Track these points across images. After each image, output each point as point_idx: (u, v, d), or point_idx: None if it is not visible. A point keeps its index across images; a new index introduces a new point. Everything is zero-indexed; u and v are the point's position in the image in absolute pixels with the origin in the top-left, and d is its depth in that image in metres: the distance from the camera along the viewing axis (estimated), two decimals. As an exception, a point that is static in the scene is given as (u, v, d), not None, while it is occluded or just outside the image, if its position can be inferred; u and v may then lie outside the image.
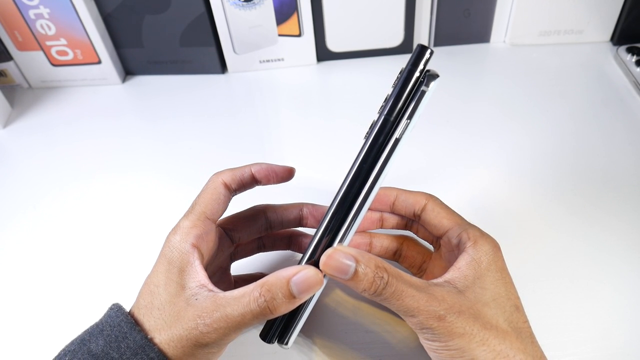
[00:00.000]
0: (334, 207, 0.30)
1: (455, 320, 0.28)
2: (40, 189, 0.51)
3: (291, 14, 0.57)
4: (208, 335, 0.28)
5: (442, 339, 0.28)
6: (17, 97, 0.62)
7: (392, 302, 0.28)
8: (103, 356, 0.28)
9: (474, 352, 0.27)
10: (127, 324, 0.29)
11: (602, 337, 0.36)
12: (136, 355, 0.28)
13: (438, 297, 0.28)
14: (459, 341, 0.27)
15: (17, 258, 0.45)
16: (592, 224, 0.43)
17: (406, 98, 0.29)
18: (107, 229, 0.47)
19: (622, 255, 0.41)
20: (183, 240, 0.31)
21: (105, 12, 0.57)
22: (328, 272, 0.29)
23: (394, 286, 0.28)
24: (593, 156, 0.49)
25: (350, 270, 0.28)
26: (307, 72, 0.61)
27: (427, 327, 0.28)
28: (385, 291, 0.28)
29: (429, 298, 0.28)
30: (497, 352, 0.27)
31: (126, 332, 0.28)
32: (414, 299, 0.28)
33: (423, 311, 0.28)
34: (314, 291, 0.29)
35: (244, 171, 0.34)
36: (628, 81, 0.56)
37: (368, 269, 0.28)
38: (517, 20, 0.59)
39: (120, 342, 0.28)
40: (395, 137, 0.29)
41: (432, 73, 0.28)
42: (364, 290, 0.28)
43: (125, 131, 0.57)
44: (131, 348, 0.28)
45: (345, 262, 0.28)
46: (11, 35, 0.57)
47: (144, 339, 0.28)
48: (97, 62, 0.60)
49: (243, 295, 0.28)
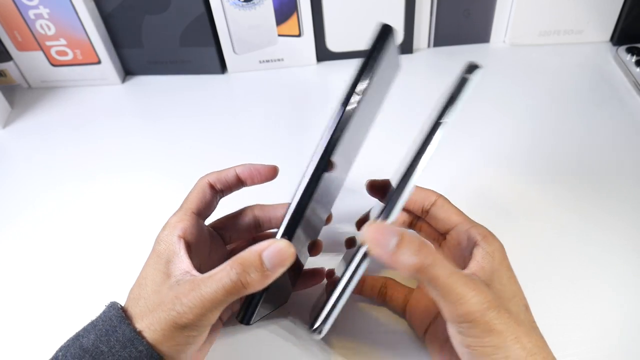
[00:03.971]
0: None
1: (495, 315, 0.27)
2: (40, 189, 0.51)
3: (291, 14, 0.57)
4: (185, 315, 0.28)
5: (480, 335, 0.27)
6: (17, 97, 0.62)
7: (437, 283, 0.26)
8: (93, 350, 0.28)
9: (509, 350, 0.27)
10: (118, 317, 0.29)
11: (602, 337, 0.36)
12: (125, 348, 0.28)
13: (481, 289, 0.27)
14: (496, 338, 0.27)
15: (16, 258, 0.45)
16: (592, 224, 0.43)
17: (356, 81, 0.31)
18: (106, 228, 0.47)
19: (623, 255, 0.41)
20: (170, 234, 0.32)
21: (105, 12, 0.57)
22: (370, 244, 0.28)
23: (438, 266, 0.26)
24: (593, 156, 0.49)
25: (393, 243, 0.27)
26: (307, 72, 0.61)
27: (467, 320, 0.27)
28: (430, 270, 0.26)
29: (476, 287, 0.27)
30: (527, 350, 0.27)
31: (116, 325, 0.29)
32: (460, 283, 0.26)
33: (468, 302, 0.26)
34: (286, 264, 0.28)
35: (228, 172, 0.35)
36: (628, 81, 0.56)
37: (412, 244, 0.27)
38: (517, 21, 0.59)
39: (110, 335, 0.28)
40: (440, 122, 0.29)
41: (474, 64, 0.29)
42: (408, 266, 0.26)
43: (125, 131, 0.57)
44: (120, 341, 0.28)
45: (389, 234, 0.27)
46: (11, 35, 0.57)
47: (133, 332, 0.28)
48: (97, 62, 0.60)
49: (217, 272, 0.28)
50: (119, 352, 0.28)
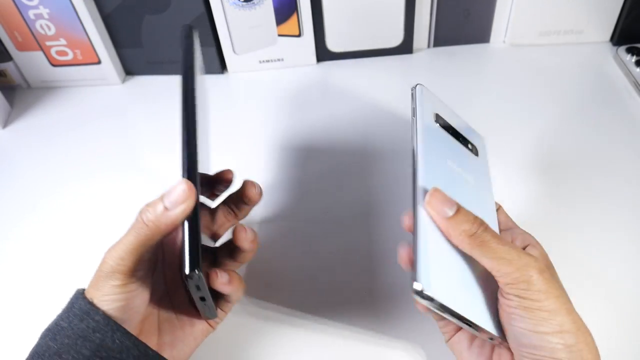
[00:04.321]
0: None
1: (550, 279, 0.28)
2: (40, 189, 0.51)
3: (291, 14, 0.57)
4: (106, 262, 0.30)
5: (537, 296, 0.27)
6: (17, 97, 0.62)
7: (490, 247, 0.28)
8: (54, 327, 0.30)
9: (563, 319, 0.27)
10: (76, 295, 0.30)
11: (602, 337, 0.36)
12: (82, 321, 0.29)
13: (536, 256, 0.30)
14: (552, 302, 0.27)
15: (17, 258, 0.45)
16: (592, 224, 0.43)
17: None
18: (106, 228, 0.47)
19: (622, 256, 0.41)
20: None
21: (105, 12, 0.57)
22: (430, 209, 0.30)
23: (491, 234, 0.29)
24: (593, 156, 0.49)
25: (451, 210, 0.29)
26: (307, 72, 0.61)
27: (525, 279, 0.27)
28: (485, 234, 0.29)
29: (530, 253, 0.29)
30: (577, 326, 0.27)
31: (73, 301, 0.30)
32: (514, 247, 0.29)
33: (525, 260, 0.28)
34: (185, 204, 0.29)
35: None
36: (628, 81, 0.56)
37: (467, 215, 0.29)
38: (516, 21, 0.59)
39: (69, 311, 0.30)
40: None
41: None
42: (463, 232, 0.29)
43: (125, 131, 0.57)
44: (78, 315, 0.29)
45: (448, 202, 0.30)
46: (11, 35, 0.57)
47: (88, 305, 0.29)
48: (97, 62, 0.60)
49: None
50: (77, 325, 0.29)
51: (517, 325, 0.28)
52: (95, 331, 0.29)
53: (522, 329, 0.28)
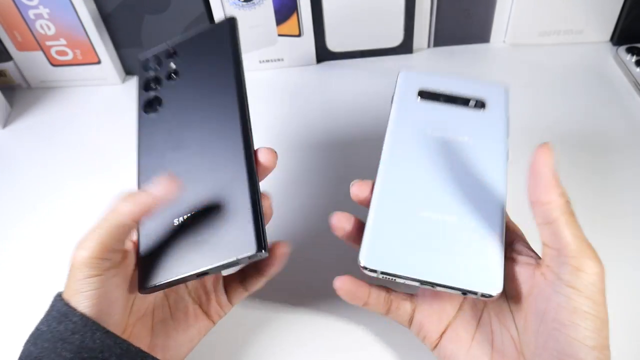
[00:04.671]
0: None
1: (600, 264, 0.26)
2: (40, 189, 0.51)
3: (291, 14, 0.57)
4: (79, 253, 0.29)
5: (598, 298, 0.25)
6: (17, 97, 0.62)
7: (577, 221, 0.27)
8: (35, 332, 0.29)
9: (607, 333, 0.26)
10: (54, 298, 0.30)
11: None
12: (61, 323, 0.28)
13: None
14: (605, 310, 0.25)
15: (17, 258, 0.45)
16: (592, 225, 0.43)
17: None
18: (107, 229, 0.47)
19: (623, 256, 0.41)
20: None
21: (105, 12, 0.57)
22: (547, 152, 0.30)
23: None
24: (593, 156, 0.49)
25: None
26: (307, 72, 0.61)
27: (594, 272, 0.26)
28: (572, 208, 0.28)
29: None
30: (605, 324, 0.26)
31: (53, 305, 0.30)
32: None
33: (593, 250, 0.27)
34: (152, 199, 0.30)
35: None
36: (628, 81, 0.56)
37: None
38: (516, 21, 0.59)
39: (48, 315, 0.29)
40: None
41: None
42: (563, 194, 0.29)
43: (125, 131, 0.56)
44: (56, 318, 0.29)
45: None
46: (11, 35, 0.57)
47: (66, 307, 0.29)
48: (97, 62, 0.60)
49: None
50: (56, 328, 0.28)
51: (568, 335, 0.25)
52: (74, 332, 0.28)
53: (573, 338, 0.25)
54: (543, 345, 0.27)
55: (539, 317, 0.27)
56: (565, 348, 0.26)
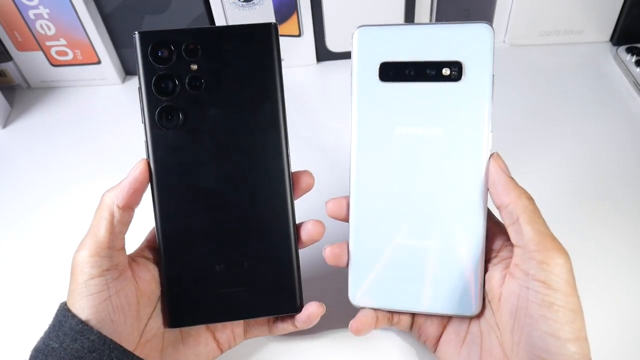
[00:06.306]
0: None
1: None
2: (40, 190, 0.51)
3: (291, 14, 0.57)
4: (78, 254, 0.30)
5: (565, 289, 0.26)
6: (17, 97, 0.62)
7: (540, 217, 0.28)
8: (44, 348, 0.28)
9: (582, 324, 0.26)
10: (62, 311, 0.29)
11: (602, 337, 0.36)
12: (75, 341, 0.28)
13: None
14: (577, 301, 0.26)
15: (17, 258, 0.45)
16: (592, 224, 0.43)
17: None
18: (107, 229, 0.47)
19: (623, 256, 0.41)
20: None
21: (105, 12, 0.57)
22: (496, 168, 0.31)
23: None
24: (593, 156, 0.49)
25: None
26: (307, 72, 0.61)
27: (559, 263, 0.26)
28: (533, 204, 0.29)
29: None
30: (573, 312, 0.27)
31: (61, 320, 0.29)
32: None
33: (557, 243, 0.27)
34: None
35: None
36: (628, 81, 0.56)
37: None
38: (516, 21, 0.59)
39: (58, 330, 0.28)
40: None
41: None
42: (524, 193, 0.29)
43: (125, 131, 0.57)
44: (69, 335, 0.28)
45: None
46: (11, 35, 0.57)
47: (80, 324, 0.28)
48: (97, 62, 0.60)
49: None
50: (70, 346, 0.28)
51: (539, 329, 0.26)
52: (92, 351, 0.28)
53: (544, 332, 0.26)
54: (518, 342, 0.27)
55: (512, 315, 0.28)
56: (537, 342, 0.26)
